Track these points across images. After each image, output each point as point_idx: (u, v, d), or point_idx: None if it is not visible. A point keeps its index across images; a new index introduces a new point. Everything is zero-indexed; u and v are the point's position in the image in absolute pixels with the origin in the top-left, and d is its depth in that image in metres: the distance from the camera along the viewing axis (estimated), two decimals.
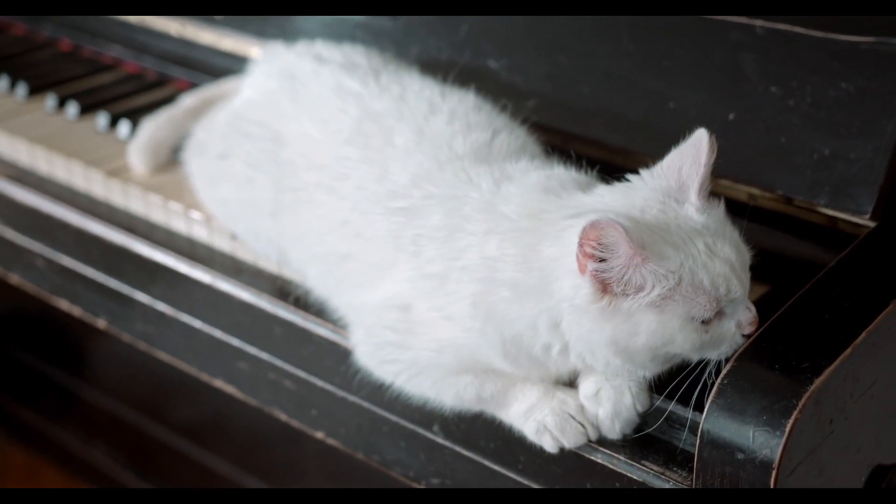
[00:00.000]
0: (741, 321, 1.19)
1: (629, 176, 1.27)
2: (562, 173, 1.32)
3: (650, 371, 1.22)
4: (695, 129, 1.44)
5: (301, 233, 1.47)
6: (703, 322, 1.17)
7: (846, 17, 1.41)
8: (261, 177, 1.52)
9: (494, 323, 1.24)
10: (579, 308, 1.17)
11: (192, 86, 2.03)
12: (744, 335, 1.19)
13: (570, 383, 1.31)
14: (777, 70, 1.44)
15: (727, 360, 1.19)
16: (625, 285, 1.14)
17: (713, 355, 1.19)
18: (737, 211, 1.45)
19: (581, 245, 1.13)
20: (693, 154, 1.22)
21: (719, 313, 1.18)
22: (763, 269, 1.46)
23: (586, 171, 1.35)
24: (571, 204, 1.24)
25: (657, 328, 1.16)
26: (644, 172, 1.26)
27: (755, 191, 1.45)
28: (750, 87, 1.46)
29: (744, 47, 1.47)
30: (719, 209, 1.22)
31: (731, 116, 1.46)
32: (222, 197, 1.60)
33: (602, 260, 1.13)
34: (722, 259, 1.17)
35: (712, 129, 1.42)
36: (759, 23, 1.46)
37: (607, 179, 1.30)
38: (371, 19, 1.83)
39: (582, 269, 1.15)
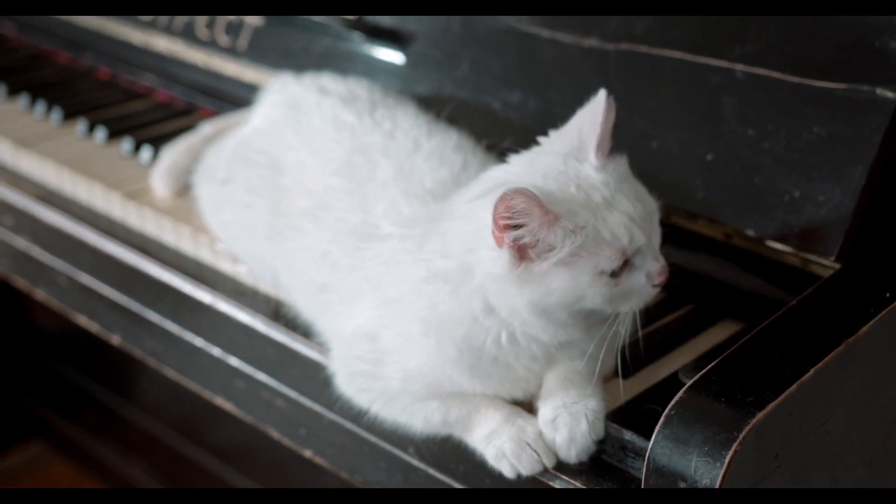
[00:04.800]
0: (650, 272, 1.24)
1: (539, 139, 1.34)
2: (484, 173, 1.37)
3: (572, 330, 1.27)
4: (675, 168, 1.49)
5: (290, 260, 1.54)
6: (611, 275, 1.23)
7: (821, 64, 1.44)
8: (259, 202, 1.59)
9: (445, 332, 1.30)
10: (499, 277, 1.23)
11: (216, 115, 2.11)
12: (655, 286, 1.25)
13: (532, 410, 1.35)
14: (754, 113, 1.48)
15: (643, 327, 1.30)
16: (540, 248, 1.21)
17: (625, 308, 1.26)
18: (714, 250, 1.50)
19: (495, 220, 1.19)
20: (591, 115, 1.28)
21: (628, 265, 1.24)
22: (739, 307, 1.50)
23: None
24: (478, 182, 1.31)
25: (568, 285, 1.22)
26: (546, 138, 1.33)
27: (730, 230, 1.48)
28: (728, 129, 1.49)
29: (724, 90, 1.51)
30: (619, 166, 1.28)
31: (709, 157, 1.50)
32: (224, 220, 1.67)
33: (518, 227, 1.19)
34: (620, 211, 1.23)
35: (691, 169, 1.48)
36: (739, 67, 1.50)
37: None
38: (379, 53, 1.90)
39: (499, 242, 1.22)
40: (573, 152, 1.28)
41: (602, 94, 1.27)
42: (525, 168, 1.29)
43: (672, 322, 1.51)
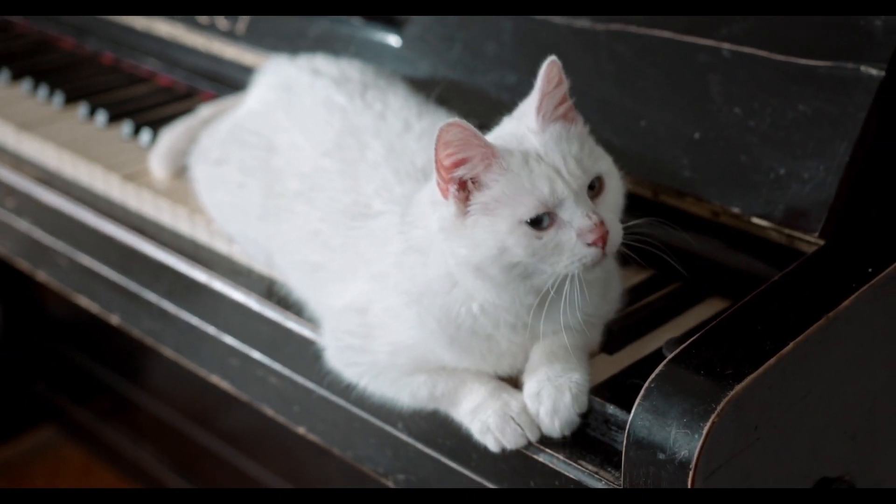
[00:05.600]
0: (581, 228, 1.23)
1: None
2: None
3: (514, 290, 1.27)
4: (663, 147, 1.50)
5: (283, 241, 1.56)
6: (534, 226, 1.23)
7: (807, 42, 1.45)
8: (251, 182, 1.61)
9: (425, 304, 1.32)
10: (445, 233, 1.26)
11: (216, 98, 2.13)
12: (589, 244, 1.23)
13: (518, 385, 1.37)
14: (740, 92, 1.49)
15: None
16: (480, 189, 1.24)
17: (560, 267, 1.24)
18: (701, 228, 1.51)
19: (438, 163, 1.23)
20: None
21: (555, 220, 1.24)
22: (726, 285, 1.52)
23: None
24: None
25: (489, 235, 1.23)
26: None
27: (717, 208, 1.49)
28: (715, 108, 1.50)
29: (711, 69, 1.51)
30: (561, 128, 1.29)
31: (696, 135, 1.51)
32: (218, 200, 1.69)
33: (461, 163, 1.23)
34: (547, 164, 1.24)
35: (678, 148, 1.49)
36: (726, 46, 1.51)
37: None
38: (376, 36, 1.91)
39: (444, 193, 1.25)
40: (524, 117, 1.31)
41: (546, 62, 1.29)
42: (492, 133, 1.32)
43: (659, 299, 1.52)
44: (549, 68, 1.28)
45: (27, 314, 3.20)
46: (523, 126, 1.29)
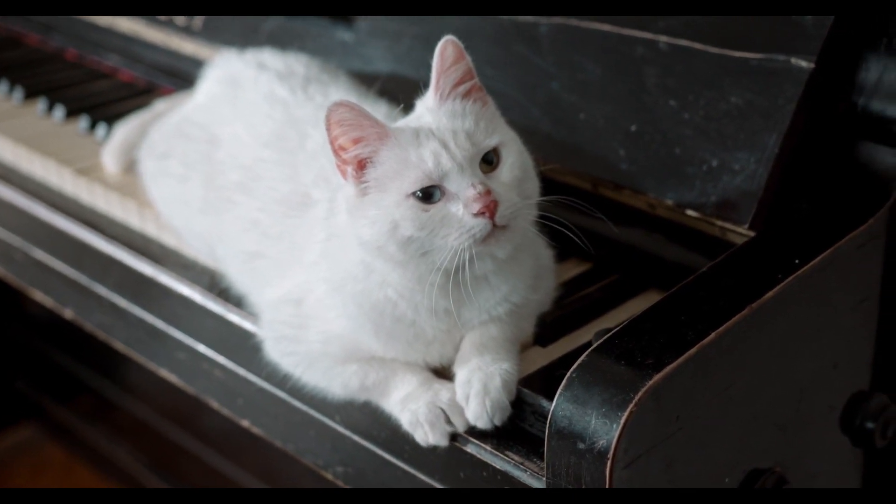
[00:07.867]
0: (466, 198, 1.23)
1: None
2: None
3: (416, 267, 1.27)
4: (601, 140, 1.50)
5: (223, 231, 1.56)
6: (425, 200, 1.24)
7: (740, 34, 1.46)
8: (193, 175, 1.61)
9: (347, 290, 1.32)
10: (348, 214, 1.28)
11: (175, 93, 2.14)
12: (475, 214, 1.23)
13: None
14: (676, 84, 1.49)
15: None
16: (374, 164, 1.26)
17: (451, 240, 1.24)
18: (638, 220, 1.52)
19: (332, 144, 1.25)
20: None
21: (444, 193, 1.24)
22: (663, 277, 1.52)
23: None
24: None
25: (380, 211, 1.24)
26: None
27: (653, 200, 1.49)
28: (651, 100, 1.50)
29: (647, 62, 1.52)
30: (456, 104, 1.30)
31: (633, 128, 1.51)
32: (163, 194, 1.70)
33: (356, 142, 1.25)
34: (436, 138, 1.25)
35: (616, 141, 1.49)
36: (663, 38, 1.51)
37: None
38: (327, 30, 1.91)
39: (343, 174, 1.27)
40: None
41: (441, 41, 1.30)
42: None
43: (596, 291, 1.52)
44: (443, 47, 1.30)
45: (8, 312, 3.21)
46: (423, 106, 1.31)
